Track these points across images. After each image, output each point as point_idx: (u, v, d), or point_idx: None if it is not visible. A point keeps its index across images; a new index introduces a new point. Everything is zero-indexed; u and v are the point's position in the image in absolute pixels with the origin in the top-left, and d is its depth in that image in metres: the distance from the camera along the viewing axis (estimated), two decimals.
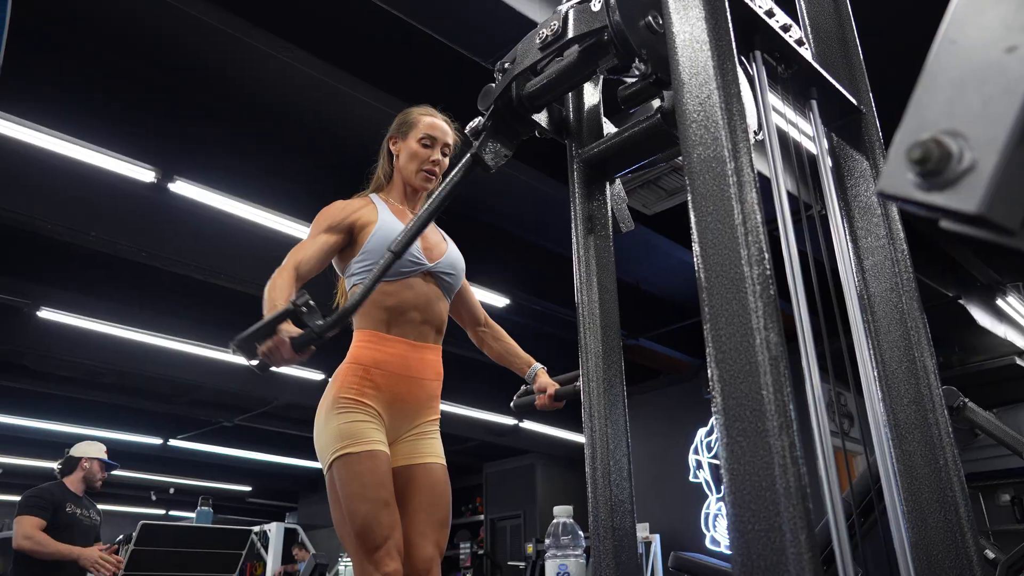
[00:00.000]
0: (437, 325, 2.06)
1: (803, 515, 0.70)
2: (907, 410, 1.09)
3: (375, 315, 1.97)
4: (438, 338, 2.08)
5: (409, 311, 1.99)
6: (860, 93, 1.25)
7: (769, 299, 0.77)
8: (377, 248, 1.97)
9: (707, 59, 0.88)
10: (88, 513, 4.31)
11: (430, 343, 2.04)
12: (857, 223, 1.21)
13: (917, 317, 1.12)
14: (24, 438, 9.94)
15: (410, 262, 1.98)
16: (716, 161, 0.84)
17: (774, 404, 0.72)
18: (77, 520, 4.18)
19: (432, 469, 1.99)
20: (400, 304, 1.97)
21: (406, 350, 1.97)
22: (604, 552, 1.06)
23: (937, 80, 0.41)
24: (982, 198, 0.38)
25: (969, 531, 1.00)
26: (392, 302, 1.97)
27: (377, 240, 1.98)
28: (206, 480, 12.67)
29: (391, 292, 1.97)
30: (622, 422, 1.15)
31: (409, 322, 1.99)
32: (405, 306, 1.98)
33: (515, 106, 1.28)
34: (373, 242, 1.98)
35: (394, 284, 1.97)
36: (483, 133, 1.30)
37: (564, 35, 1.19)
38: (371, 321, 1.97)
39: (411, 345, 1.99)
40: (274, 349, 1.53)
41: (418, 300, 2.00)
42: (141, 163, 4.42)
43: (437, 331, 2.07)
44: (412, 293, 1.99)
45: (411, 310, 1.99)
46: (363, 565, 1.74)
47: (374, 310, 1.97)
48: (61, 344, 6.66)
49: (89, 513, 4.32)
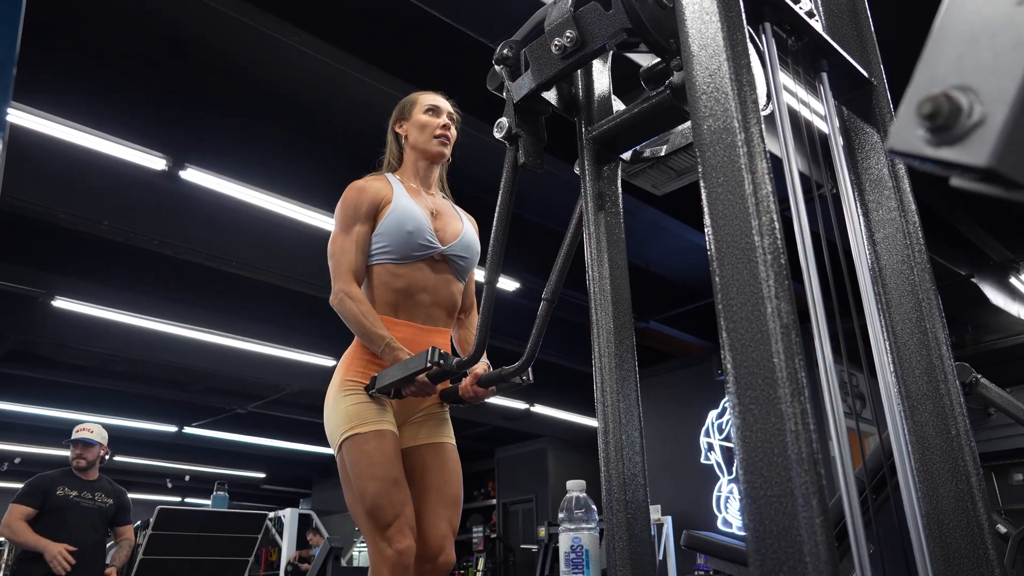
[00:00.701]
0: (448, 307, 2.07)
1: (814, 481, 0.70)
2: (919, 382, 1.09)
3: (384, 297, 1.98)
4: (449, 321, 2.08)
5: (418, 293, 1.99)
6: (871, 65, 1.25)
7: (780, 268, 0.77)
8: (391, 229, 1.98)
9: (716, 31, 0.88)
10: (92, 495, 4.32)
11: (439, 326, 2.04)
12: (868, 196, 1.20)
13: (929, 289, 1.12)
14: (40, 427, 10.04)
15: (421, 245, 1.99)
16: (726, 132, 0.84)
17: (785, 371, 0.73)
18: (72, 503, 4.20)
19: (441, 448, 2.00)
20: (409, 286, 1.98)
21: (414, 333, 1.98)
22: (617, 524, 1.07)
23: (947, 35, 0.41)
24: (991, 151, 0.38)
25: (981, 501, 1.01)
26: (401, 284, 1.97)
27: (391, 222, 1.98)
28: (221, 467, 12.78)
29: (401, 274, 1.97)
30: (634, 397, 1.16)
31: (418, 304, 1.99)
32: (414, 288, 1.98)
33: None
34: (387, 223, 1.98)
35: (404, 267, 1.98)
36: (519, 138, 1.33)
37: (583, 47, 1.20)
38: (380, 304, 1.98)
39: (419, 328, 1.99)
40: (418, 391, 1.82)
41: (428, 283, 2.01)
42: (152, 151, 4.44)
43: (448, 314, 2.07)
44: (422, 276, 1.99)
45: (420, 292, 1.99)
46: (376, 543, 1.76)
47: (383, 292, 1.98)
48: (75, 333, 6.71)
49: (93, 496, 4.33)
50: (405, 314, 1.98)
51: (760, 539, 0.71)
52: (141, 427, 10.18)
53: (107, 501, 4.39)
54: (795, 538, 0.69)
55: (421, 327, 2.00)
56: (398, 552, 1.74)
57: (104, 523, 4.35)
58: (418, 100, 2.17)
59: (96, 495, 4.35)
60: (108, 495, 4.42)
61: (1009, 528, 2.20)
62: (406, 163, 2.16)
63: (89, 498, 4.30)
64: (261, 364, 7.66)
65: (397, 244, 1.97)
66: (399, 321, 1.97)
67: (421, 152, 2.13)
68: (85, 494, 4.29)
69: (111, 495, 4.43)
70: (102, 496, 4.38)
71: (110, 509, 4.40)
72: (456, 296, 2.09)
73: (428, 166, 2.15)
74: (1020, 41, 0.38)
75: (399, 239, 1.97)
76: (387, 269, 1.98)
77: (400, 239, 1.97)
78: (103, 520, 4.35)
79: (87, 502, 4.28)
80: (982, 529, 0.99)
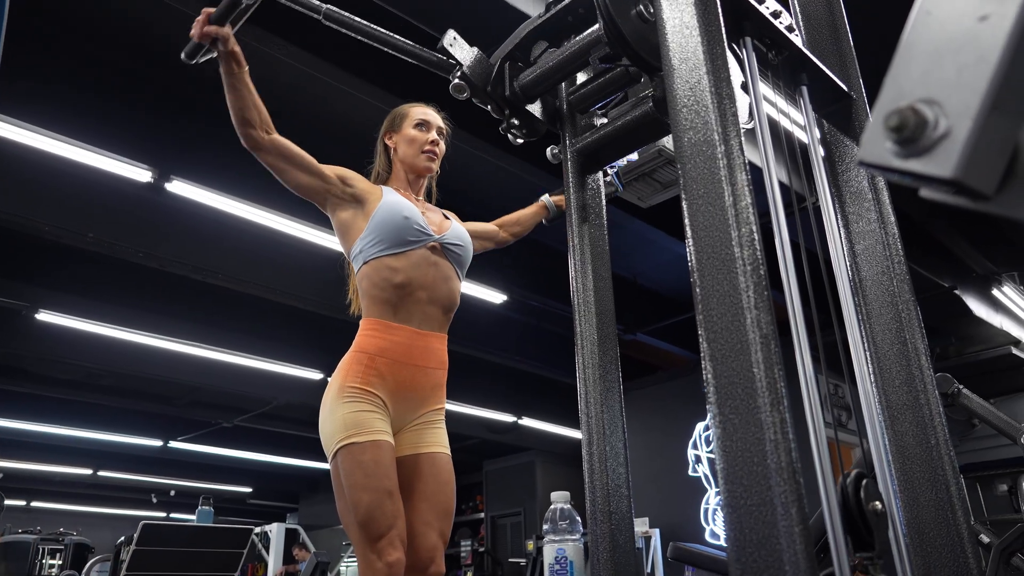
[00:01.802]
0: (445, 305, 2.06)
1: (794, 490, 0.71)
2: (899, 391, 1.10)
3: (383, 294, 1.97)
4: (445, 322, 2.08)
5: (416, 290, 1.98)
6: (850, 79, 1.26)
7: (760, 279, 0.78)
8: (383, 223, 1.98)
9: (696, 45, 0.89)
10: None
11: (435, 330, 2.04)
12: (848, 208, 1.22)
13: (908, 300, 1.13)
14: (24, 442, 9.93)
15: (416, 230, 1.98)
16: (706, 145, 0.85)
17: (765, 381, 0.74)
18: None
19: (437, 458, 1.99)
20: (408, 282, 1.97)
21: (411, 338, 1.97)
22: (601, 535, 1.07)
23: (913, 50, 0.42)
24: (957, 163, 0.39)
25: (960, 509, 1.02)
26: (400, 279, 1.96)
27: (382, 215, 1.98)
28: (207, 482, 12.67)
29: (399, 268, 1.97)
30: (618, 408, 1.16)
31: (416, 302, 1.99)
32: (413, 285, 1.98)
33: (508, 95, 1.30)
34: (379, 217, 1.98)
35: (401, 258, 1.97)
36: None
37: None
38: (378, 304, 1.97)
39: (416, 333, 1.99)
40: (197, 22, 1.68)
41: (426, 278, 2.00)
42: (137, 163, 4.42)
43: (445, 313, 2.06)
44: (420, 272, 1.99)
45: (419, 289, 1.99)
46: (366, 554, 1.75)
47: (382, 290, 1.97)
48: (60, 347, 6.65)
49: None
50: (403, 315, 1.97)
51: (740, 548, 0.72)
52: (126, 441, 10.08)
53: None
54: (775, 546, 0.70)
55: (418, 332, 1.99)
56: (388, 565, 1.73)
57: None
58: (408, 113, 2.18)
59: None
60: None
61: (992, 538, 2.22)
62: (394, 174, 2.17)
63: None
64: (247, 377, 7.61)
65: (391, 232, 1.97)
66: (396, 326, 1.96)
67: (409, 166, 2.15)
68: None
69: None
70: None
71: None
72: (453, 294, 2.08)
73: (416, 179, 2.18)
74: (982, 56, 0.39)
75: (393, 226, 1.97)
76: (384, 263, 1.97)
77: (395, 225, 1.97)
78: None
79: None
80: (962, 537, 1.00)
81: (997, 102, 0.39)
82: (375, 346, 1.94)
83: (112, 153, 4.32)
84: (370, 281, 1.99)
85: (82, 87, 4.26)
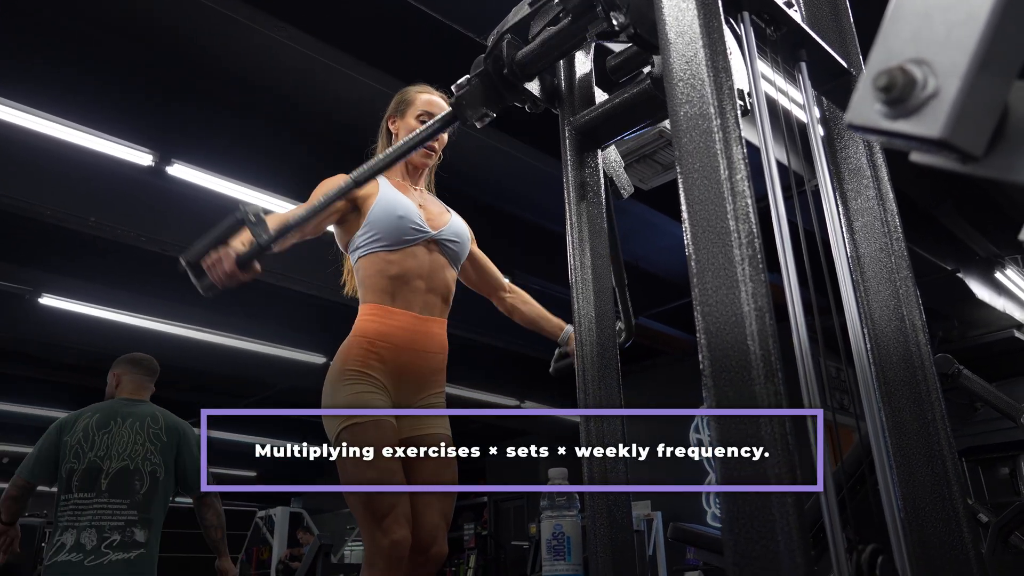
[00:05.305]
0: (443, 294, 2.07)
1: (788, 464, 0.71)
2: (896, 368, 1.10)
3: (380, 285, 1.98)
4: (444, 309, 2.08)
5: (413, 280, 1.99)
6: (850, 55, 1.25)
7: (754, 252, 0.78)
8: (380, 219, 1.98)
9: (693, 18, 0.89)
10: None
11: (436, 316, 2.05)
12: (847, 185, 1.21)
13: (907, 276, 1.13)
14: (27, 426, 9.98)
15: (412, 229, 1.99)
16: (702, 118, 0.85)
17: (759, 354, 0.73)
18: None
19: (438, 440, 2.01)
20: (404, 273, 1.98)
21: (411, 323, 1.98)
22: (598, 512, 1.08)
23: (903, 11, 0.42)
24: (945, 123, 0.39)
25: (956, 485, 1.02)
26: (396, 271, 1.97)
27: (379, 211, 1.98)
28: (211, 466, 12.71)
29: (394, 261, 1.98)
30: (615, 385, 1.16)
31: (414, 291, 2.00)
32: (409, 275, 1.99)
33: (506, 73, 1.29)
34: (376, 212, 1.99)
35: (397, 253, 1.98)
36: (465, 88, 1.33)
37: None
38: (376, 292, 1.98)
39: (416, 318, 2.00)
40: (217, 261, 1.58)
41: (422, 269, 2.01)
42: (139, 146, 4.41)
43: (444, 300, 2.07)
44: (416, 262, 2.00)
45: (415, 279, 2.00)
46: (372, 532, 1.76)
47: (379, 279, 1.98)
48: (63, 330, 6.68)
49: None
50: (402, 302, 1.98)
51: (734, 522, 0.72)
52: None
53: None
54: (767, 520, 0.70)
55: (418, 316, 2.00)
56: (393, 542, 1.74)
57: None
58: (415, 102, 2.16)
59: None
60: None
61: (989, 517, 2.22)
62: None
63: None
64: (250, 362, 7.64)
65: (388, 230, 1.98)
66: (396, 310, 1.97)
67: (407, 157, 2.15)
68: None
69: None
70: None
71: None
72: (450, 283, 2.09)
73: (414, 169, 2.18)
74: (971, 15, 0.39)
75: (389, 224, 1.98)
76: (380, 257, 1.98)
77: (390, 224, 1.98)
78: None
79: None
80: (957, 512, 1.00)
81: (986, 61, 0.38)
82: (375, 330, 1.95)
83: (114, 137, 4.32)
84: (367, 272, 2.00)
85: (84, 72, 4.24)
